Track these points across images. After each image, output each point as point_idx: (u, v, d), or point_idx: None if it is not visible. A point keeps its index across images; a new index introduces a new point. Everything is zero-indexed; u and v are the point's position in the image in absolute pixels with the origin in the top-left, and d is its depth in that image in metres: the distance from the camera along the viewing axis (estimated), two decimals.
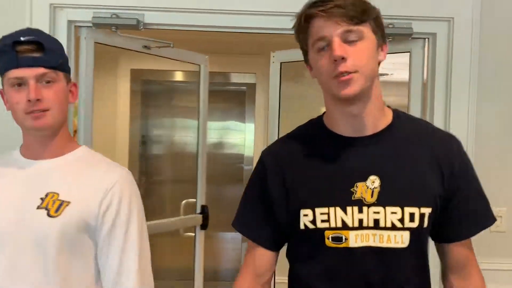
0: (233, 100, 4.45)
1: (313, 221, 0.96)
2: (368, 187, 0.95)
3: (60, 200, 1.05)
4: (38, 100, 1.03)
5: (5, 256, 1.02)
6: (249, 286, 1.05)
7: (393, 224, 0.93)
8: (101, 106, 2.72)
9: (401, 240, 0.94)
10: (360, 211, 0.94)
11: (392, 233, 0.93)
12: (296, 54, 1.17)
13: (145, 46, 1.79)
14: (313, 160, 1.00)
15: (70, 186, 1.07)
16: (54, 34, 1.59)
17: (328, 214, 0.95)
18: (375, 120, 0.98)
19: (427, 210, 0.94)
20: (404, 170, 0.96)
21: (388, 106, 1.03)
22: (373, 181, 0.95)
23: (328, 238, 0.95)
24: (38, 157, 1.11)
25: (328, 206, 0.95)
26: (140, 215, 1.12)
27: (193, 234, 2.22)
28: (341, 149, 0.98)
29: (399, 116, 1.02)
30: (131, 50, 1.79)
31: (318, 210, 0.96)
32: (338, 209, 0.94)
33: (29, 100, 1.03)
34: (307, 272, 1.00)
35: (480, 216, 1.01)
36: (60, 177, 1.08)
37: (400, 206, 0.94)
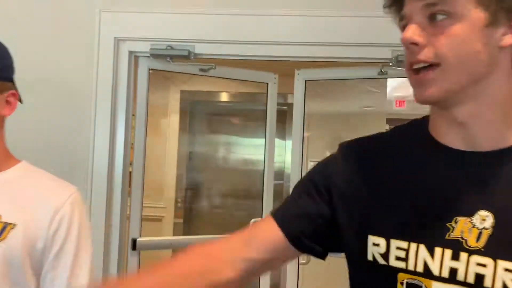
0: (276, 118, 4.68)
1: (385, 256, 0.69)
2: (474, 226, 0.65)
3: (3, 222, 0.94)
4: None
5: None
6: (233, 248, 0.78)
7: (505, 286, 0.62)
8: (153, 124, 2.99)
9: None
10: (456, 257, 0.64)
11: None
12: (320, 72, 1.27)
13: (202, 69, 1.98)
14: (403, 172, 0.72)
15: (13, 206, 0.96)
16: (117, 63, 1.85)
17: (407, 251, 0.67)
18: (498, 131, 0.68)
19: None
20: None
21: None
22: (484, 219, 0.65)
23: (402, 284, 0.68)
24: None
25: (409, 240, 0.68)
26: (89, 238, 1.03)
27: None
28: (444, 165, 0.70)
29: None
30: (184, 73, 2.00)
31: (394, 243, 0.68)
32: (422, 247, 0.66)
33: None
34: None
35: None
36: (1, 197, 0.98)
37: None
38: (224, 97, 4.55)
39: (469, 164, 0.68)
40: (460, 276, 0.64)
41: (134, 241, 1.87)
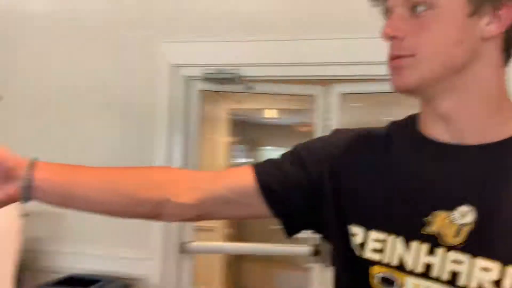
0: None
1: (362, 246, 0.66)
2: (453, 221, 0.61)
3: None
4: None
5: None
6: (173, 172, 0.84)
7: (479, 284, 0.58)
8: (205, 140, 3.26)
9: None
10: (432, 252, 0.61)
11: None
12: (354, 86, 1.40)
13: (249, 87, 2.16)
14: (389, 164, 0.69)
15: None
16: (173, 86, 2.09)
17: (385, 242, 0.65)
18: (486, 124, 0.64)
19: None
20: None
21: None
22: (464, 214, 0.61)
23: (376, 278, 0.65)
24: None
25: (388, 231, 0.65)
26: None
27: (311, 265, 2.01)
28: (427, 158, 0.67)
29: None
30: (232, 92, 2.21)
31: (372, 233, 0.66)
32: (399, 240, 0.64)
33: None
34: None
35: None
36: None
37: (501, 261, 0.58)
38: (269, 113, 4.86)
39: (452, 157, 0.64)
40: (435, 272, 0.61)
41: (184, 245, 2.09)
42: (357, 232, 0.67)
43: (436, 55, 0.62)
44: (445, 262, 0.60)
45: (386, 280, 0.64)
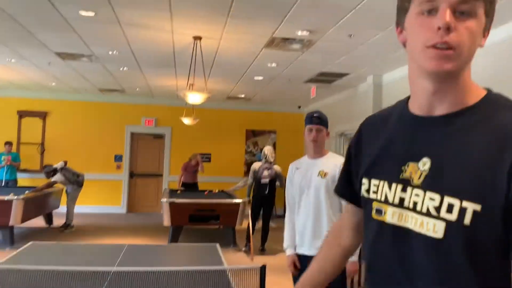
0: None
1: (368, 191, 0.99)
2: (419, 168, 0.88)
3: None
4: (315, 139, 2.70)
5: None
6: (329, 240, 1.26)
7: (428, 210, 0.85)
8: None
9: (433, 228, 0.83)
10: (404, 190, 0.90)
11: (427, 219, 0.85)
12: None
13: None
14: (385, 135, 0.99)
15: None
16: None
17: (378, 186, 0.95)
18: (451, 101, 0.88)
19: (472, 206, 0.79)
20: (460, 157, 0.83)
21: (487, 89, 0.91)
22: (425, 163, 0.87)
23: (374, 210, 0.96)
24: (312, 157, 2.77)
25: (379, 178, 0.95)
26: None
27: None
28: (408, 127, 0.94)
29: (489, 101, 0.88)
30: None
31: (373, 181, 0.97)
32: (385, 183, 0.94)
33: (312, 138, 2.69)
34: (365, 240, 1.03)
35: None
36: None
37: (440, 193, 0.83)
38: None
39: (425, 125, 0.91)
40: (405, 203, 0.90)
41: None
42: (364, 182, 1.01)
43: (468, 54, 0.84)
44: (411, 196, 0.89)
45: (378, 211, 0.96)
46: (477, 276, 0.81)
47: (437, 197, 0.85)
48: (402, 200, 0.91)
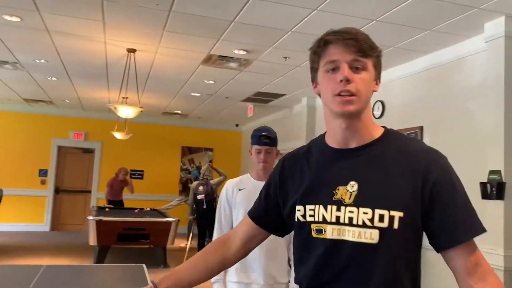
0: None
1: (304, 216, 1.15)
2: (348, 191, 1.09)
3: None
4: (265, 161, 2.32)
5: None
6: (218, 241, 1.35)
7: (364, 222, 1.05)
8: None
9: (369, 236, 1.05)
10: (338, 209, 1.08)
11: (363, 230, 1.05)
12: None
13: None
14: (310, 167, 1.18)
15: None
16: None
17: (314, 210, 1.12)
18: (362, 136, 1.12)
19: (397, 214, 1.04)
20: (379, 178, 1.07)
21: (384, 126, 1.17)
22: (352, 186, 1.09)
23: (314, 230, 1.12)
24: (260, 179, 2.32)
25: (315, 204, 1.12)
26: None
27: None
28: (331, 159, 1.15)
29: (389, 134, 1.15)
30: None
31: (308, 207, 1.14)
32: (321, 206, 1.11)
33: (261, 159, 2.32)
34: (304, 258, 1.16)
35: (460, 227, 1.05)
36: None
37: (371, 208, 1.05)
38: None
39: (345, 156, 1.14)
40: (341, 220, 1.09)
41: None
42: (299, 209, 1.16)
43: (366, 97, 1.10)
44: (345, 213, 1.08)
45: (319, 230, 1.12)
46: (407, 264, 1.08)
47: (369, 211, 1.07)
48: (338, 217, 1.10)
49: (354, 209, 1.07)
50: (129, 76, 5.60)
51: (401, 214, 1.05)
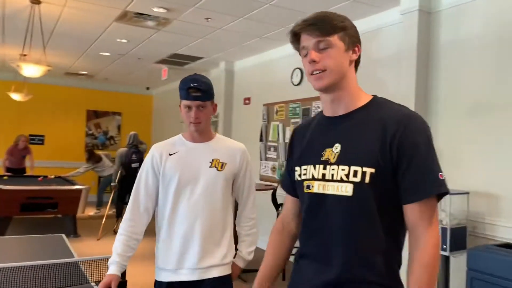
0: None
1: (300, 175, 1.33)
2: (333, 152, 1.25)
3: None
4: (196, 118, 1.89)
5: None
6: (279, 227, 1.50)
7: (341, 178, 1.22)
8: None
9: (345, 190, 1.21)
10: (324, 168, 1.26)
11: (341, 184, 1.21)
12: None
13: None
14: (308, 133, 1.37)
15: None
16: None
17: (307, 170, 1.30)
18: (347, 104, 1.28)
19: (369, 170, 1.18)
20: (358, 140, 1.22)
21: (374, 95, 1.31)
22: (337, 147, 1.25)
23: (305, 187, 1.30)
24: (196, 141, 1.98)
25: (307, 164, 1.31)
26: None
27: None
28: (323, 125, 1.33)
29: (376, 101, 1.29)
30: None
31: (302, 168, 1.33)
32: (311, 166, 1.29)
33: (192, 117, 1.90)
34: (303, 210, 1.35)
35: (421, 185, 1.16)
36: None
37: (348, 165, 1.21)
38: None
39: (333, 122, 1.30)
40: (326, 176, 1.26)
41: None
42: (297, 169, 1.36)
43: (337, 69, 1.25)
44: (329, 171, 1.25)
45: (308, 186, 1.30)
46: (381, 219, 1.20)
47: (346, 168, 1.23)
48: (324, 175, 1.27)
49: (335, 167, 1.24)
50: (33, 31, 5.04)
51: (372, 170, 1.18)
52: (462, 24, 3.55)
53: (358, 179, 1.19)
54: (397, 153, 1.17)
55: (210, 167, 1.91)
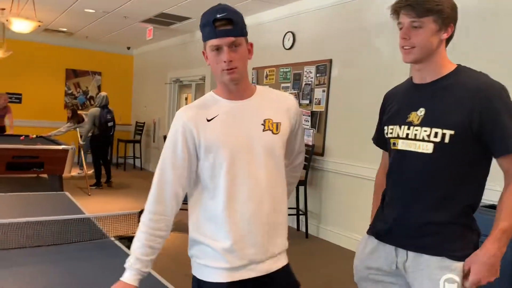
0: None
1: (387, 133, 1.58)
2: (417, 115, 1.48)
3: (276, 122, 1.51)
4: (230, 61, 1.40)
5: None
6: (380, 176, 1.72)
7: (423, 137, 1.44)
8: None
9: (426, 148, 1.43)
10: (408, 128, 1.49)
11: (423, 143, 1.44)
12: None
13: None
14: (396, 98, 1.61)
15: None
16: None
17: (393, 129, 1.55)
18: (433, 73, 1.47)
19: (448, 132, 1.39)
20: (440, 105, 1.43)
21: (458, 64, 1.49)
22: (421, 111, 1.47)
23: (392, 143, 1.55)
24: (236, 98, 1.50)
25: (394, 124, 1.55)
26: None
27: None
28: (410, 91, 1.55)
29: (459, 69, 1.47)
30: None
31: (389, 127, 1.57)
32: (397, 127, 1.53)
33: (224, 61, 1.40)
34: (389, 162, 1.60)
35: (503, 142, 1.37)
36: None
37: (429, 127, 1.43)
38: None
39: (420, 89, 1.52)
40: (409, 136, 1.48)
41: None
42: (385, 129, 1.60)
43: (425, 46, 1.45)
44: (413, 131, 1.48)
45: (394, 143, 1.54)
46: (456, 174, 1.43)
47: (428, 129, 1.44)
48: (407, 134, 1.49)
49: (418, 128, 1.46)
50: None
51: (452, 132, 1.39)
52: None
53: (438, 139, 1.41)
54: (479, 118, 1.37)
55: (263, 130, 1.47)
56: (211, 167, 1.44)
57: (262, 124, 1.48)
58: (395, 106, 1.58)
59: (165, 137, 5.61)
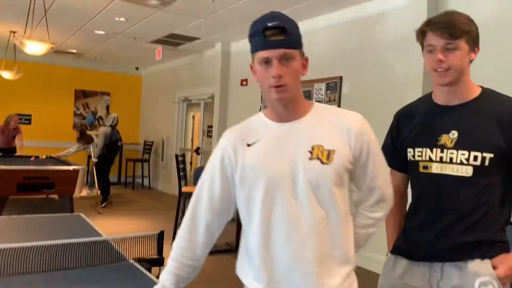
0: None
1: (413, 156, 1.54)
2: (449, 137, 1.47)
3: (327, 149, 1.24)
4: (280, 77, 1.19)
5: None
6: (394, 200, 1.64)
7: (461, 161, 1.44)
8: None
9: (465, 171, 1.43)
10: (442, 151, 1.47)
11: (461, 166, 1.44)
12: None
13: None
14: (416, 118, 1.56)
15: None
16: None
17: (422, 152, 1.51)
18: (463, 95, 1.48)
19: (488, 155, 1.41)
20: (475, 128, 1.44)
21: (481, 86, 1.51)
22: (453, 134, 1.46)
23: (421, 167, 1.51)
24: (283, 120, 1.28)
25: (422, 147, 1.51)
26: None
27: None
28: (436, 112, 1.52)
29: (485, 93, 1.49)
30: None
31: (416, 149, 1.53)
32: (428, 149, 1.50)
33: (273, 77, 1.20)
34: (413, 190, 1.58)
35: None
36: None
37: (467, 150, 1.43)
38: None
39: (448, 111, 1.50)
40: (444, 159, 1.47)
41: None
42: (410, 151, 1.56)
43: (459, 67, 1.46)
44: (447, 154, 1.47)
45: (425, 167, 1.51)
46: (496, 196, 1.45)
47: (466, 153, 1.44)
48: (441, 157, 1.48)
49: (454, 151, 1.45)
50: (34, 8, 4.90)
51: (491, 155, 1.41)
52: (471, 6, 3.64)
53: (478, 162, 1.42)
54: None
55: (310, 158, 1.23)
56: (246, 198, 1.28)
57: (310, 152, 1.23)
58: (417, 127, 1.55)
59: (177, 157, 5.54)
